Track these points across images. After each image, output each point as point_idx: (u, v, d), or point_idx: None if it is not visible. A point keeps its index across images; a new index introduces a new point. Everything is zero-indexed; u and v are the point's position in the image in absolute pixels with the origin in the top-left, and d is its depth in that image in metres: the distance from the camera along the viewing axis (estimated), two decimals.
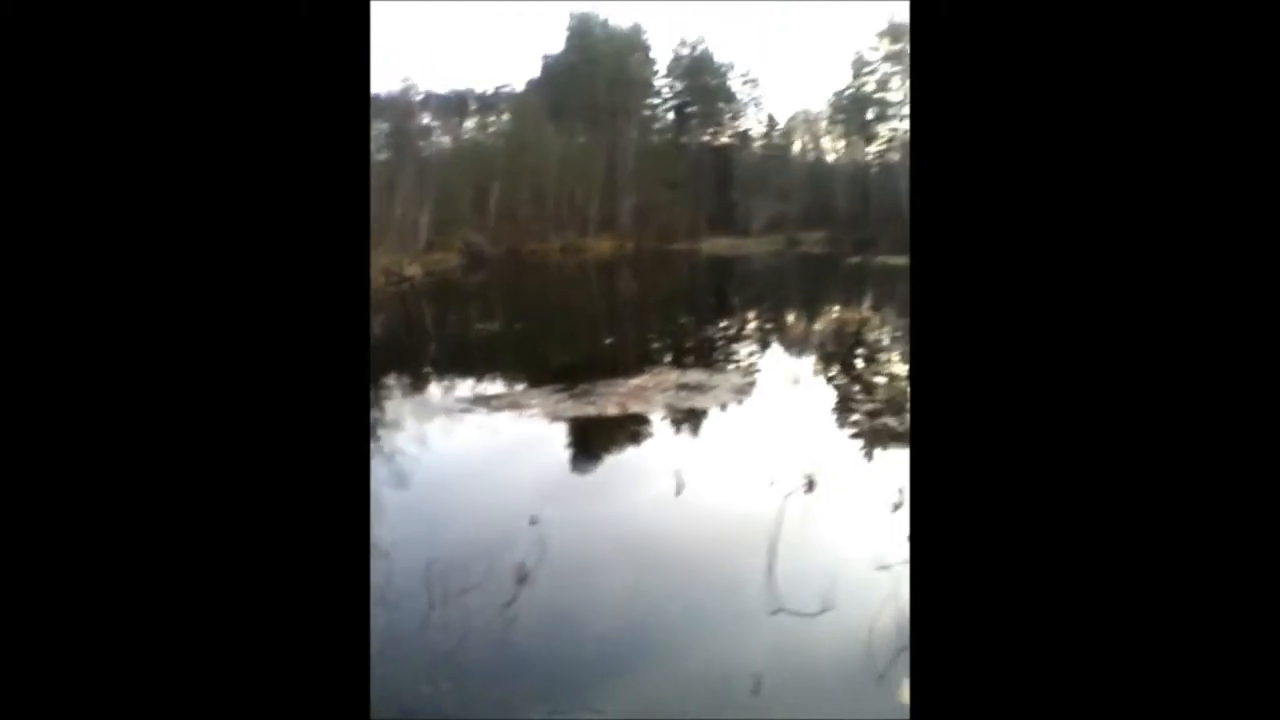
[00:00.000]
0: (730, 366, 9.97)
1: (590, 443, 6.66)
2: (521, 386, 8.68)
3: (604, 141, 37.49)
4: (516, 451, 6.41)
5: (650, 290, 22.58)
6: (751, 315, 16.18)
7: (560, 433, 6.89)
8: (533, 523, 4.52)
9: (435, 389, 9.21)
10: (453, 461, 6.31)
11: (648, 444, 6.68)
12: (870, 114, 41.32)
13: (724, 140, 44.27)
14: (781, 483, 4.81)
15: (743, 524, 4.53)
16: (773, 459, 5.65)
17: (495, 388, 8.90)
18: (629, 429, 6.97)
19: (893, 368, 9.96)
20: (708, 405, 7.68)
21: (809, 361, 10.67)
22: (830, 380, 9.43)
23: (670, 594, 3.81)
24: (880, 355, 11.04)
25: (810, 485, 5.10)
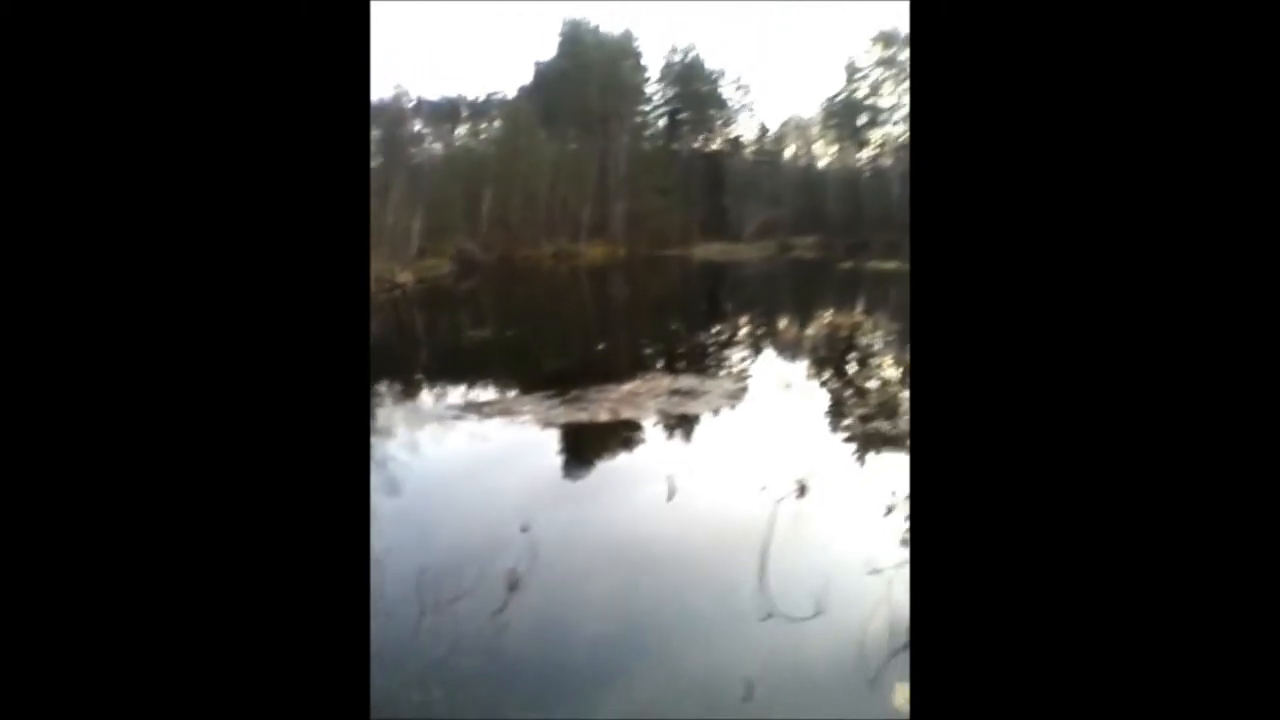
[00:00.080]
0: (723, 372, 9.98)
1: (582, 449, 6.65)
2: (513, 393, 8.66)
3: (596, 148, 37.56)
4: (508, 458, 6.40)
5: (642, 296, 22.61)
6: (744, 320, 16.20)
7: (552, 439, 6.88)
8: (524, 529, 4.51)
9: (427, 396, 9.19)
10: (444, 468, 6.29)
11: (640, 450, 6.67)
12: (862, 119, 41.48)
13: (716, 146, 44.36)
14: (774, 487, 4.81)
15: (735, 529, 4.53)
16: (765, 464, 5.65)
17: (487, 394, 8.88)
18: (621, 435, 6.96)
19: (885, 372, 9.98)
20: (700, 410, 7.68)
21: (801, 366, 10.67)
22: (823, 385, 9.44)
23: (662, 599, 3.80)
24: (872, 359, 11.06)
25: (802, 490, 5.10)
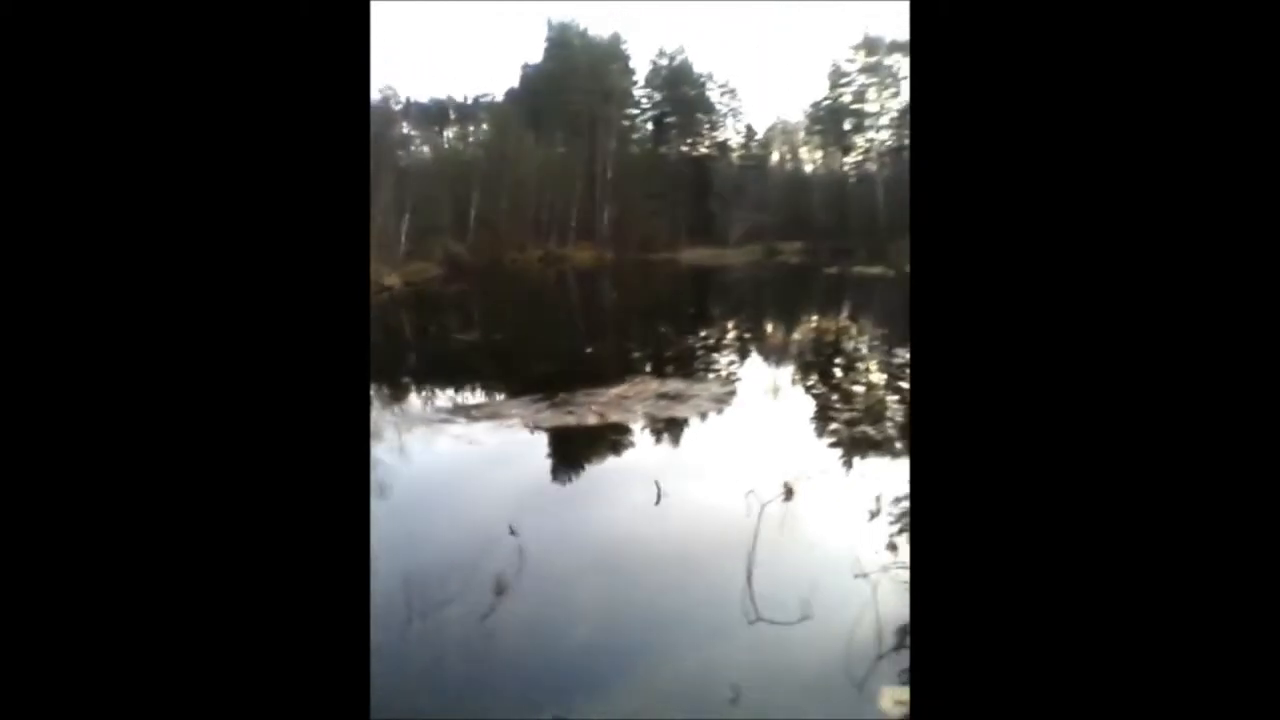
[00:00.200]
0: (710, 376, 10.00)
1: (570, 452, 6.65)
2: (501, 396, 8.65)
3: (583, 152, 37.57)
4: (496, 462, 6.38)
5: (630, 300, 22.61)
6: (731, 325, 16.25)
7: (540, 443, 6.88)
8: (512, 533, 4.51)
9: (414, 399, 9.15)
10: (432, 472, 6.26)
11: (628, 453, 6.68)
12: (847, 125, 41.74)
13: (703, 151, 44.47)
14: (760, 491, 4.83)
15: (722, 533, 4.54)
16: (752, 468, 5.67)
17: (475, 398, 8.86)
18: (609, 438, 6.96)
19: (871, 376, 10.04)
20: (688, 414, 7.69)
21: (788, 370, 10.71)
22: (809, 389, 9.48)
23: (649, 603, 3.81)
24: (858, 364, 11.12)
25: (789, 494, 5.12)
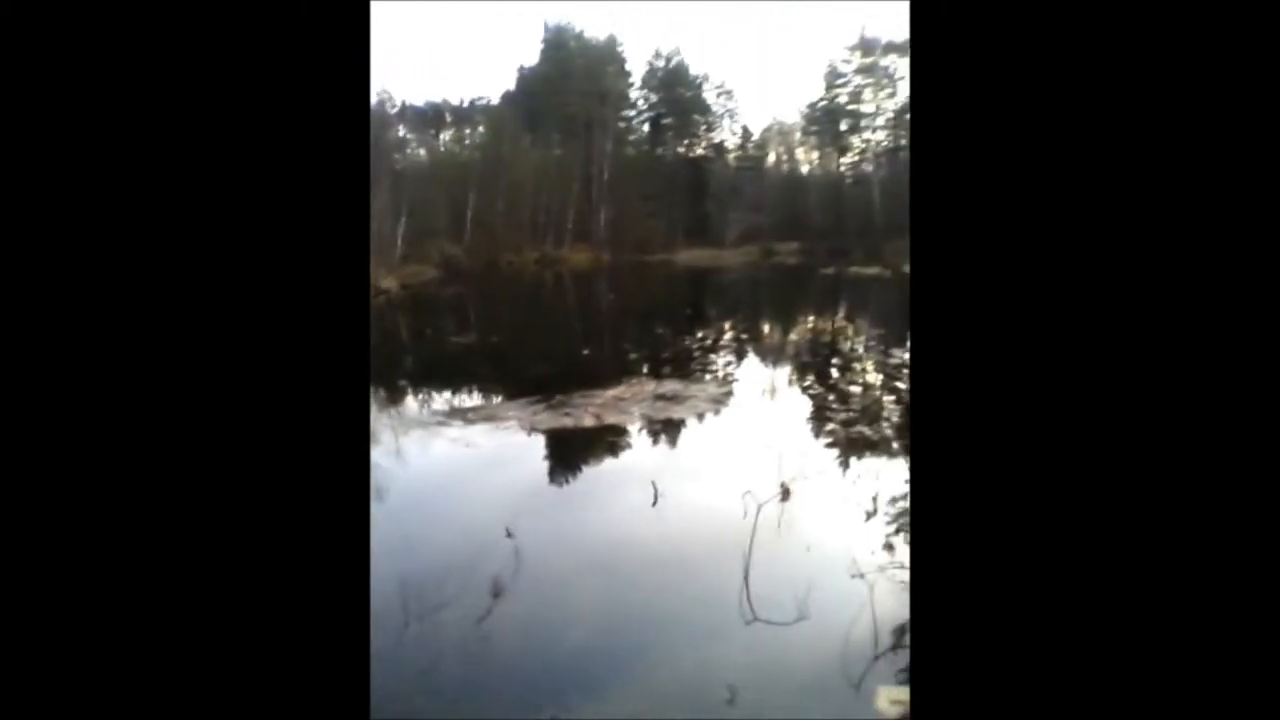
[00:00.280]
0: (707, 377, 10.00)
1: (567, 454, 6.64)
2: (498, 399, 8.65)
3: (579, 154, 37.59)
4: (493, 464, 6.38)
5: (626, 301, 22.61)
6: (727, 326, 16.26)
7: (537, 445, 6.87)
8: (509, 535, 4.51)
9: (411, 402, 9.15)
10: (429, 474, 6.26)
11: (625, 455, 6.68)
12: (843, 126, 41.84)
13: (699, 152, 44.54)
14: (757, 492, 4.83)
15: (719, 534, 4.55)
16: (749, 468, 5.67)
17: (472, 400, 8.86)
18: (606, 440, 6.96)
19: (867, 377, 10.06)
20: (685, 415, 7.69)
21: (784, 371, 10.72)
22: (805, 390, 9.49)
23: (646, 604, 3.81)
24: (855, 364, 11.13)
25: (786, 494, 5.13)
